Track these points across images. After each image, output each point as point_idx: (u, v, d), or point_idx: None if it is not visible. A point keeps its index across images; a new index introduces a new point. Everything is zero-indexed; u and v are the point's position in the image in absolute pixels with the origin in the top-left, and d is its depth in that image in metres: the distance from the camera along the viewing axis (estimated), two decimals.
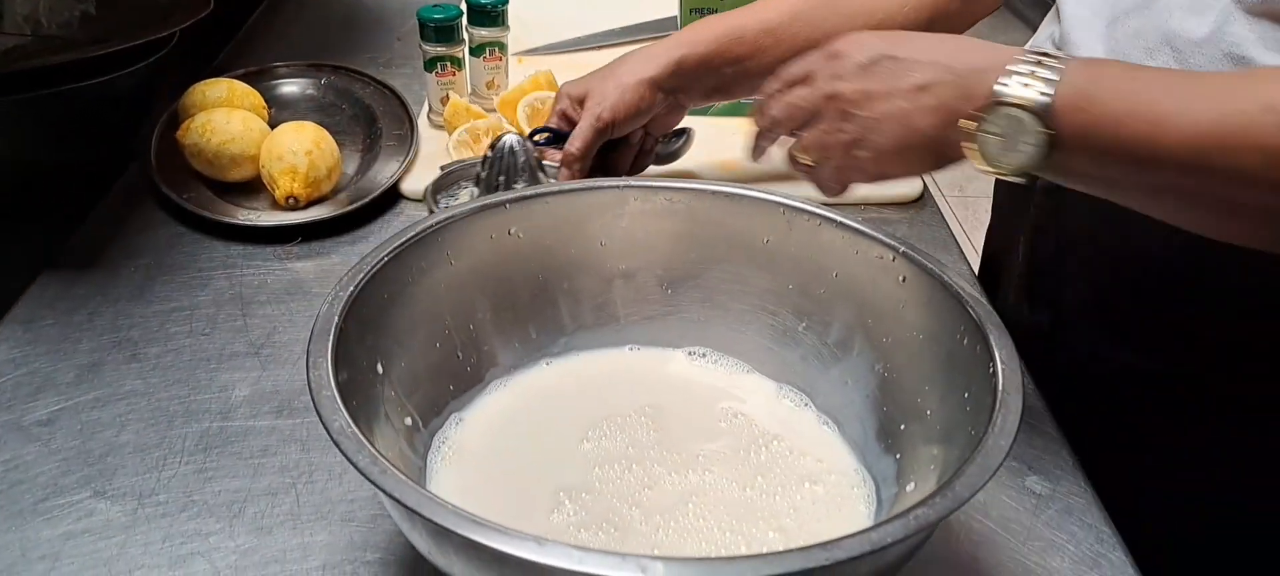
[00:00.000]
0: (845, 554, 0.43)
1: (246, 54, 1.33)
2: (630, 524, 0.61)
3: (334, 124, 1.08)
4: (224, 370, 0.78)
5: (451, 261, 0.68)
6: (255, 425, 0.73)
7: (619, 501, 0.62)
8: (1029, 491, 0.69)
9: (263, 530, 0.65)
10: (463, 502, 0.60)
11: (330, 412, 0.51)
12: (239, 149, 0.97)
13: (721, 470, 0.65)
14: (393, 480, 0.47)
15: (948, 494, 0.47)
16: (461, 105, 1.07)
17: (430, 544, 0.50)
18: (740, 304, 0.74)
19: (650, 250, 0.74)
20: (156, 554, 0.63)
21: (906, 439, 0.63)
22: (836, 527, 0.61)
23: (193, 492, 0.67)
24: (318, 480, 0.68)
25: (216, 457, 0.70)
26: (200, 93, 1.04)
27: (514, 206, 0.70)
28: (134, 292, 0.86)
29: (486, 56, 1.15)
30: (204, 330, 0.82)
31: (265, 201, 0.98)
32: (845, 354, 0.69)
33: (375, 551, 0.63)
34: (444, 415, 0.67)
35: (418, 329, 0.66)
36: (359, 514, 0.65)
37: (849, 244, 0.68)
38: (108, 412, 0.73)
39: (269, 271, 0.89)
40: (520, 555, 0.44)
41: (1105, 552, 0.65)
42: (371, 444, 0.51)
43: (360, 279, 0.61)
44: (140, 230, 0.95)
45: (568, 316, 0.74)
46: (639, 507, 0.62)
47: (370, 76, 1.16)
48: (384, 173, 1.03)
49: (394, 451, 0.59)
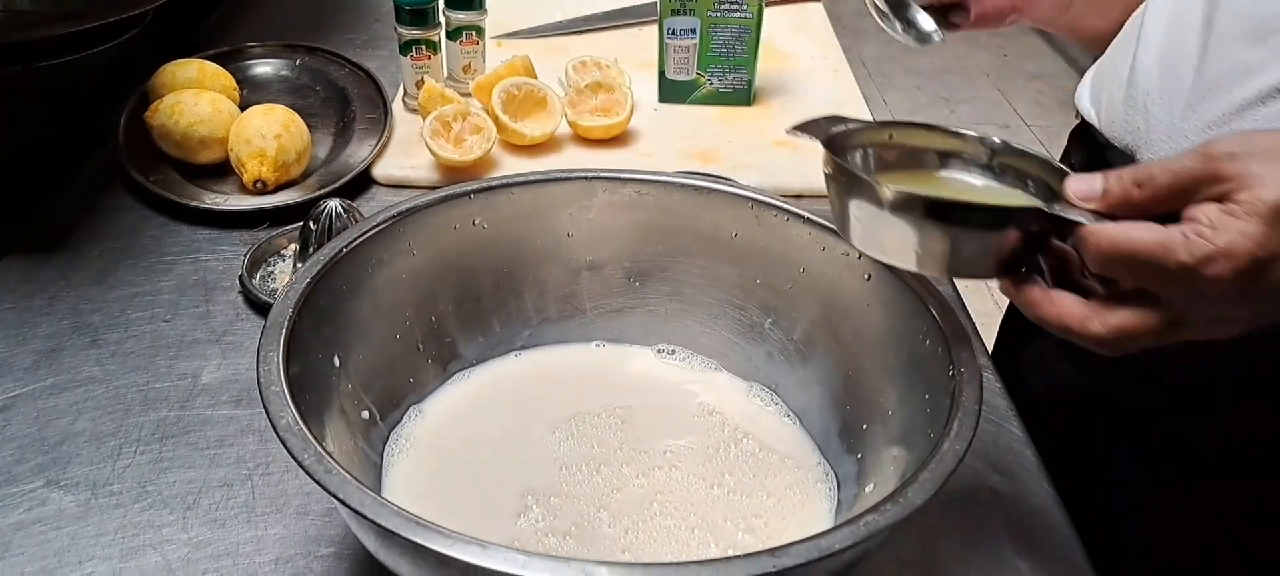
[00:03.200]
0: (792, 561, 0.43)
1: (222, 33, 1.31)
2: (598, 527, 0.60)
3: (306, 106, 1.07)
4: (184, 358, 0.77)
5: (413, 252, 0.67)
6: (213, 415, 0.72)
7: (586, 504, 0.62)
8: (992, 492, 0.69)
9: (217, 522, 0.64)
10: (421, 502, 0.60)
11: (278, 408, 0.50)
12: (208, 131, 0.96)
13: (688, 469, 0.64)
14: (338, 480, 0.46)
15: (899, 500, 0.46)
16: (436, 90, 1.06)
17: (377, 543, 0.50)
18: (707, 298, 0.73)
19: (618, 242, 0.73)
20: (108, 545, 0.62)
21: (868, 439, 0.63)
22: (802, 528, 0.61)
23: (148, 483, 0.66)
24: (274, 472, 0.67)
25: (173, 447, 0.69)
26: (170, 73, 1.02)
27: (478, 197, 0.69)
28: (96, 277, 0.85)
29: (463, 40, 1.13)
30: (165, 316, 0.81)
31: (234, 185, 0.97)
32: (810, 351, 0.68)
33: (330, 545, 0.62)
34: (403, 408, 0.66)
35: (377, 321, 0.65)
36: (314, 507, 0.65)
37: (816, 240, 0.67)
38: (65, 399, 0.73)
39: (235, 257, 0.88)
40: (463, 559, 0.43)
41: (1067, 554, 0.64)
42: (324, 438, 0.51)
43: (317, 270, 0.60)
44: (106, 213, 0.94)
45: (533, 309, 0.73)
46: (607, 509, 0.61)
47: (345, 58, 1.15)
48: (356, 156, 1.02)
49: (348, 446, 0.59)
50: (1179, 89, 0.69)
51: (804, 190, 1.01)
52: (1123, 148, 0.75)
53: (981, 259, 0.55)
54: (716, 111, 1.17)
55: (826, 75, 1.27)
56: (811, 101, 1.19)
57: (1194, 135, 0.68)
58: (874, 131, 0.63)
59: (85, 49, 0.96)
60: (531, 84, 1.07)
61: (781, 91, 1.22)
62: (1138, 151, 0.73)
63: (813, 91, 1.22)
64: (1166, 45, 0.72)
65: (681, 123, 1.14)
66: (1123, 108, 0.75)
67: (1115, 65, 0.78)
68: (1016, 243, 0.54)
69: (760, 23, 1.12)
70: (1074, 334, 0.52)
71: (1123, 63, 0.77)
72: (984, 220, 0.54)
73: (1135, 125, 0.73)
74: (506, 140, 1.05)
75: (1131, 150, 0.74)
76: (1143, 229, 0.49)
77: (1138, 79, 0.73)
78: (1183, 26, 0.70)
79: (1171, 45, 0.71)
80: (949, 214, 0.54)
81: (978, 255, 0.54)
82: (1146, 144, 0.72)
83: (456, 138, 1.01)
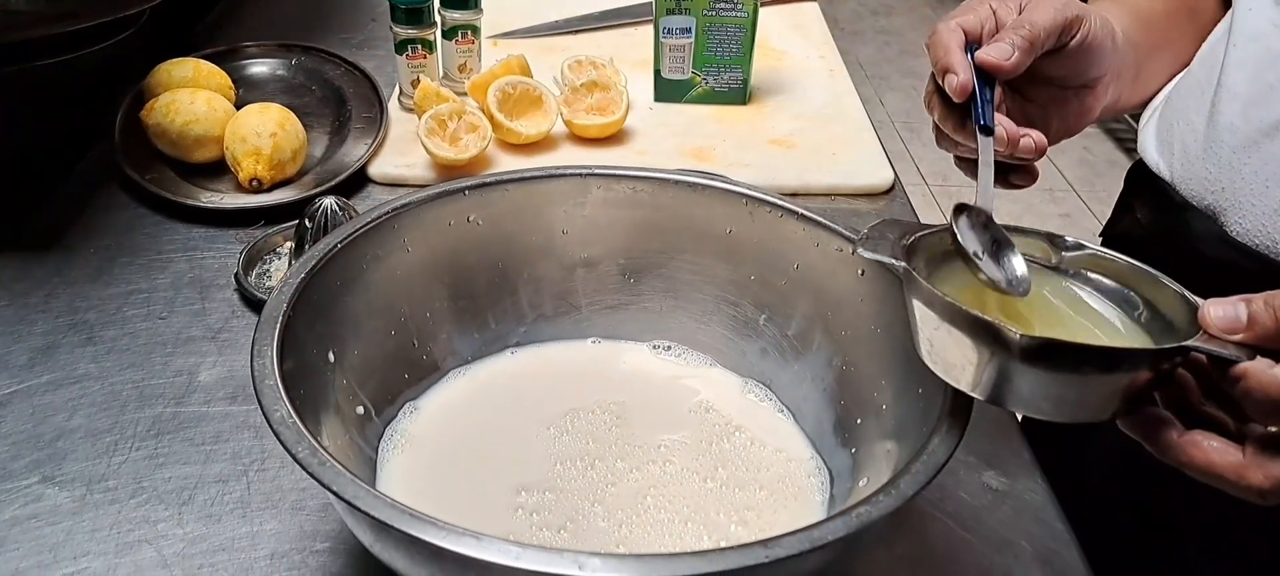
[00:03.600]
0: (784, 551, 0.43)
1: (218, 33, 1.32)
2: (593, 521, 0.60)
3: (302, 105, 1.07)
4: (180, 354, 0.77)
5: (408, 249, 0.67)
6: (209, 411, 0.72)
7: (581, 499, 0.62)
8: (986, 487, 0.69)
9: (212, 518, 0.64)
10: (417, 498, 0.60)
11: (272, 401, 0.50)
12: (203, 130, 0.96)
13: (682, 463, 0.65)
14: (332, 472, 0.46)
15: (891, 492, 0.46)
16: (432, 89, 1.06)
17: (372, 537, 0.50)
18: (702, 294, 0.73)
19: (612, 239, 0.73)
20: (103, 541, 0.62)
21: (862, 433, 0.63)
22: (795, 521, 0.61)
23: (143, 478, 0.66)
24: (269, 467, 0.67)
25: (169, 443, 0.69)
26: (166, 72, 1.03)
27: (473, 193, 0.69)
28: (92, 275, 0.85)
29: (459, 39, 1.13)
30: (161, 314, 0.81)
31: (229, 183, 0.97)
32: (805, 347, 0.69)
33: (325, 541, 0.63)
34: (398, 405, 0.66)
35: (372, 317, 0.65)
36: (309, 502, 0.65)
37: (809, 236, 0.67)
38: (60, 396, 0.73)
39: (230, 255, 0.88)
40: (457, 551, 0.43)
41: (1059, 549, 0.65)
42: (318, 433, 0.51)
43: (311, 265, 0.60)
44: (102, 211, 0.94)
45: (528, 306, 0.73)
46: (601, 503, 0.62)
47: (341, 58, 1.15)
48: (352, 155, 1.02)
49: (343, 441, 0.59)
50: (1275, 149, 0.65)
51: (799, 188, 1.02)
52: (1204, 209, 0.71)
53: (1104, 401, 0.49)
54: (712, 110, 1.17)
55: (822, 75, 1.27)
56: (807, 102, 1.19)
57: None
58: (934, 236, 0.58)
59: (81, 48, 0.97)
60: (527, 83, 1.07)
61: (777, 90, 1.22)
62: (1224, 216, 0.69)
63: (808, 91, 1.22)
64: (1254, 98, 0.67)
65: (677, 121, 1.14)
66: (1202, 165, 0.70)
67: (1187, 113, 0.73)
68: (1147, 382, 0.49)
69: (755, 22, 1.13)
70: (1228, 485, 0.47)
71: (1196, 111, 0.72)
72: (1104, 362, 0.48)
73: (1219, 184, 0.69)
74: (502, 139, 1.05)
75: (1216, 213, 0.69)
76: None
77: (1220, 134, 0.69)
78: (1277, 79, 0.66)
79: (1262, 98, 0.67)
80: (1085, 359, 0.47)
81: (1102, 398, 0.49)
82: (1236, 207, 0.68)
83: (452, 136, 1.01)
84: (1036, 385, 0.48)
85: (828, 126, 1.14)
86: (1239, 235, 0.68)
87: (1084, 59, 0.67)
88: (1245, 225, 0.68)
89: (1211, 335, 0.48)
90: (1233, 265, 0.69)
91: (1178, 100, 0.76)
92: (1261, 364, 0.45)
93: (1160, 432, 0.49)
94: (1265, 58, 0.67)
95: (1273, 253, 0.66)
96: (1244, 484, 0.46)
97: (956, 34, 0.64)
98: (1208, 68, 0.73)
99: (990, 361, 0.49)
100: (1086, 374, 0.48)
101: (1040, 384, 0.48)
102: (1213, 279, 0.69)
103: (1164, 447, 0.49)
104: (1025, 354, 0.47)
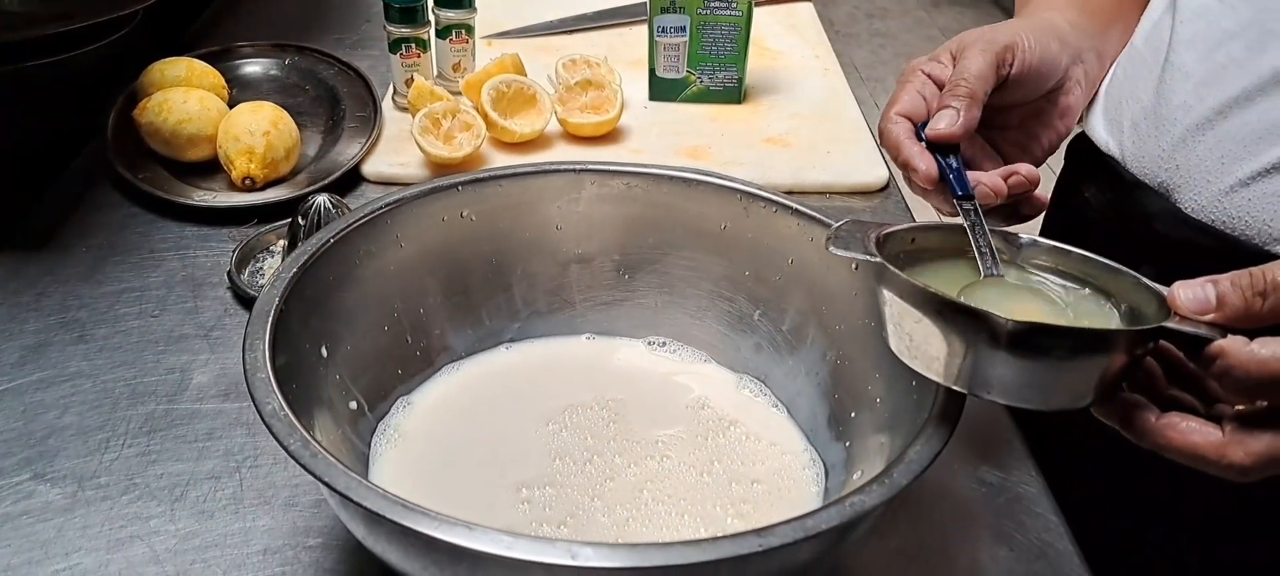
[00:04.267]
0: (778, 540, 0.43)
1: (213, 33, 1.31)
2: (592, 515, 0.60)
3: (296, 105, 1.07)
4: (172, 352, 0.77)
5: (401, 244, 0.67)
6: (201, 408, 0.72)
7: (580, 494, 0.62)
8: (980, 480, 0.69)
9: (204, 514, 0.64)
10: (408, 492, 0.60)
11: (264, 395, 0.50)
12: (196, 128, 0.96)
13: (679, 457, 0.65)
14: (324, 464, 0.46)
15: (884, 482, 0.46)
16: (426, 88, 1.06)
17: (365, 529, 0.49)
18: (697, 290, 0.73)
19: (607, 235, 0.73)
20: (95, 537, 0.62)
21: (856, 427, 0.63)
22: (791, 513, 0.61)
23: (135, 476, 0.66)
24: (262, 464, 0.67)
25: (161, 441, 0.69)
26: (159, 71, 1.02)
27: (467, 189, 0.69)
28: (85, 273, 0.85)
29: (453, 39, 1.13)
30: (154, 312, 0.81)
31: (222, 182, 0.97)
32: (799, 341, 0.68)
33: (317, 536, 0.62)
34: (391, 400, 0.66)
35: (365, 312, 0.65)
36: (302, 498, 0.65)
37: (804, 232, 0.67)
38: (52, 394, 0.72)
39: (223, 253, 0.87)
40: (450, 541, 0.43)
41: (1053, 541, 0.65)
42: (311, 428, 0.51)
43: (304, 260, 0.60)
44: (95, 210, 0.93)
45: (522, 301, 0.73)
46: (600, 498, 0.61)
47: (335, 57, 1.15)
48: (345, 154, 1.02)
49: (335, 436, 0.59)
50: (1229, 127, 0.65)
51: (794, 186, 1.02)
52: (1157, 187, 0.70)
53: (1084, 387, 0.49)
54: (706, 109, 1.17)
55: (817, 74, 1.27)
56: (802, 100, 1.19)
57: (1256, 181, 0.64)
58: (902, 233, 0.57)
59: (75, 48, 0.96)
60: (521, 81, 1.07)
61: (772, 90, 1.22)
62: (1176, 193, 0.69)
63: (803, 90, 1.22)
64: (1205, 77, 0.67)
65: (671, 120, 1.14)
66: (1154, 143, 0.70)
67: (1135, 91, 0.73)
68: (1125, 365, 0.48)
69: (749, 21, 1.13)
70: (1209, 464, 0.47)
71: (1145, 90, 0.72)
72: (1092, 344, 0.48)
73: (1172, 162, 0.68)
74: (496, 137, 1.05)
75: (1169, 191, 0.69)
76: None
77: (1172, 113, 0.68)
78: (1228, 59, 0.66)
79: (1213, 77, 0.66)
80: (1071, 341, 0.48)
81: (1084, 382, 0.48)
82: (1189, 185, 0.68)
83: (446, 134, 1.01)
84: (1019, 372, 0.48)
85: (823, 125, 1.14)
86: (1194, 212, 0.68)
87: (1034, 76, 0.67)
88: (1200, 202, 0.67)
89: (1183, 317, 0.48)
90: (1189, 243, 0.69)
91: (1123, 77, 0.75)
92: (1237, 341, 0.45)
93: (1136, 417, 0.49)
94: (1214, 36, 0.67)
95: (1229, 229, 0.66)
96: (1225, 462, 0.46)
97: (901, 126, 0.64)
98: (1153, 46, 0.72)
99: (972, 351, 0.48)
100: (1070, 357, 0.48)
101: (1023, 371, 0.48)
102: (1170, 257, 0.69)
103: (1141, 432, 0.49)
104: (1012, 339, 0.47)
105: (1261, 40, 0.64)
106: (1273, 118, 0.63)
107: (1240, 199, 0.65)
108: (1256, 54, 0.64)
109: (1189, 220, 0.68)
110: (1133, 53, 0.75)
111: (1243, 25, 0.65)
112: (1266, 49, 0.64)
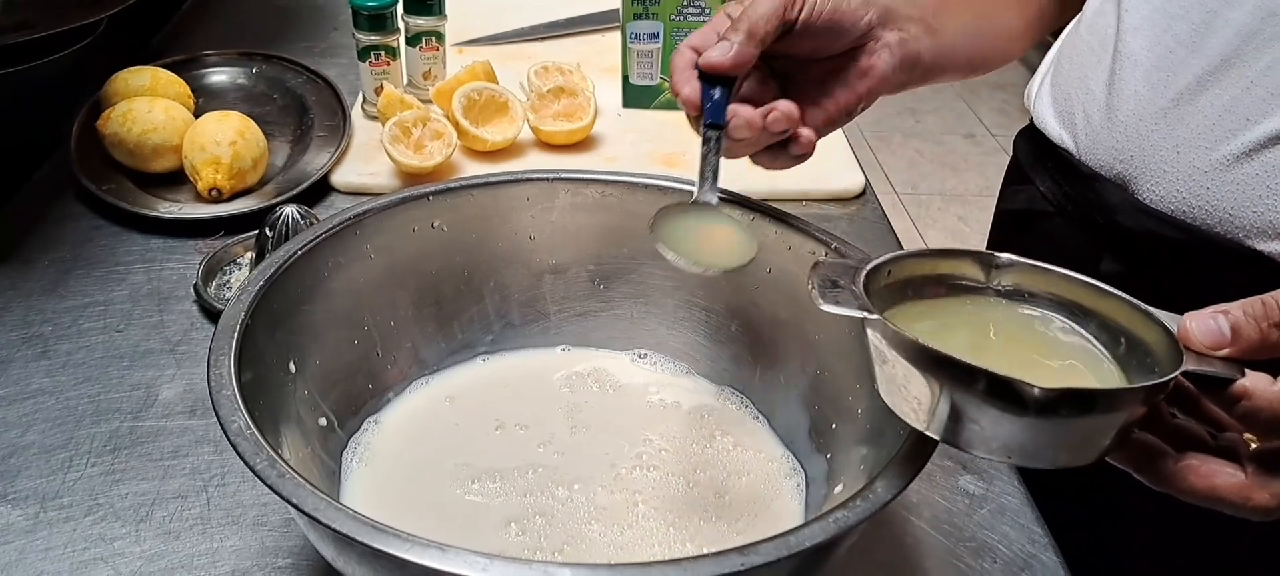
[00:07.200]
0: (760, 559, 0.42)
1: (179, 42, 1.29)
2: (574, 532, 0.59)
3: (263, 114, 1.05)
4: (137, 368, 0.75)
5: (371, 255, 0.65)
6: (167, 425, 0.70)
7: (560, 509, 0.61)
8: (963, 491, 0.68)
9: (170, 534, 0.62)
10: (380, 512, 0.58)
11: (229, 412, 0.48)
12: (161, 139, 0.94)
13: (665, 468, 0.64)
14: (292, 484, 0.45)
15: (867, 496, 0.45)
16: (395, 96, 1.04)
17: (335, 551, 0.48)
18: (673, 300, 0.72)
19: (581, 244, 0.72)
20: (58, 559, 0.60)
21: (837, 438, 0.62)
22: (775, 526, 0.60)
23: (99, 495, 0.64)
24: (230, 483, 0.66)
25: (125, 459, 0.67)
26: (123, 81, 1.00)
27: (437, 198, 0.68)
28: (48, 287, 0.83)
29: (423, 46, 1.12)
30: (118, 326, 0.79)
31: (189, 193, 0.95)
32: (779, 352, 0.68)
33: (287, 556, 0.61)
34: (361, 416, 0.65)
35: (334, 326, 0.63)
36: (271, 518, 0.63)
37: (782, 239, 0.66)
38: (13, 412, 0.70)
39: (189, 266, 0.86)
40: (422, 563, 0.42)
41: (1037, 553, 0.64)
42: (279, 446, 0.49)
43: (271, 272, 0.58)
44: (58, 222, 0.91)
45: (495, 313, 0.72)
46: (581, 513, 0.60)
47: (303, 66, 1.13)
48: (314, 164, 1.00)
49: (304, 454, 0.57)
50: (1185, 115, 0.64)
51: (771, 194, 1.00)
52: (1114, 178, 0.69)
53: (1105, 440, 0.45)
54: (681, 116, 1.15)
55: None
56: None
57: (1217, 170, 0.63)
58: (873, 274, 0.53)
59: (37, 58, 0.94)
60: (493, 89, 1.06)
61: None
62: (1135, 184, 0.68)
63: None
64: (1156, 64, 0.66)
65: (645, 127, 1.13)
66: (1107, 133, 0.69)
67: (1084, 80, 0.72)
68: (1140, 417, 0.45)
69: None
70: (1231, 507, 0.45)
71: (1095, 79, 0.71)
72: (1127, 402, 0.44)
73: (1128, 152, 0.68)
74: (468, 146, 1.04)
75: (1126, 182, 0.69)
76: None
77: (1125, 102, 0.67)
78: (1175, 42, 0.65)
79: (1165, 64, 0.65)
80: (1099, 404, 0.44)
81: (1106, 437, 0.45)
82: (1147, 175, 0.67)
83: (417, 143, 1.00)
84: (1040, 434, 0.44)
85: None
86: (1154, 203, 0.67)
87: (825, 29, 0.65)
88: (1159, 192, 0.66)
89: (1196, 352, 0.45)
90: (1154, 235, 0.68)
91: (1069, 66, 0.74)
92: (1262, 380, 0.43)
93: (1154, 463, 0.46)
94: (1162, 22, 0.66)
95: (1191, 218, 0.65)
96: (1250, 505, 0.45)
97: (685, 55, 0.66)
98: (1099, 34, 0.71)
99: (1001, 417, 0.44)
100: (1096, 416, 0.44)
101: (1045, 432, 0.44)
102: (1136, 250, 0.68)
103: (1160, 477, 0.46)
104: (1040, 407, 0.43)
105: (1206, 22, 0.64)
106: (1224, 103, 0.63)
107: (1201, 188, 0.64)
108: (1203, 35, 0.64)
109: (1151, 211, 0.67)
110: (1077, 39, 0.74)
111: (1186, 7, 0.65)
112: (1212, 29, 0.63)
